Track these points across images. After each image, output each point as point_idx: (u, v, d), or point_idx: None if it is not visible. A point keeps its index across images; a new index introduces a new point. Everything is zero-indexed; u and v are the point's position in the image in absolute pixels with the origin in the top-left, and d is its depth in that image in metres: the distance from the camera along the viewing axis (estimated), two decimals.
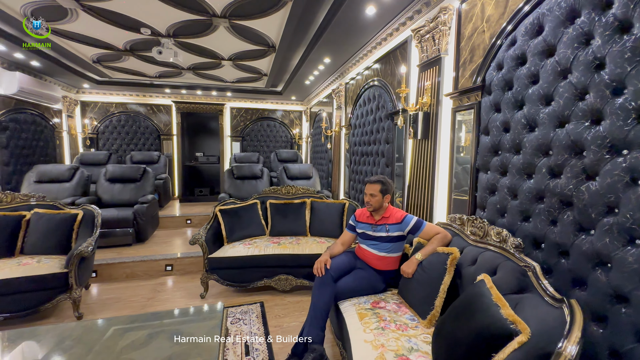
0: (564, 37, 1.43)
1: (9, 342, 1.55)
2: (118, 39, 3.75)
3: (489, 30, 1.90)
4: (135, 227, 3.98)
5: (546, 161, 1.53)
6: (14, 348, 1.52)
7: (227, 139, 7.15)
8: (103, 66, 4.89)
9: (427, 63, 2.50)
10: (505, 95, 1.77)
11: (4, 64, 4.24)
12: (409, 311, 1.80)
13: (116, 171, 4.43)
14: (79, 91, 6.19)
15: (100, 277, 3.31)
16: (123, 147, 6.61)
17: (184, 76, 5.53)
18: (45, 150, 5.28)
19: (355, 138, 4.18)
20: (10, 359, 1.45)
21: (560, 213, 1.46)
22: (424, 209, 2.51)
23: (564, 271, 1.43)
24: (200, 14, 3.05)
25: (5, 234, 2.69)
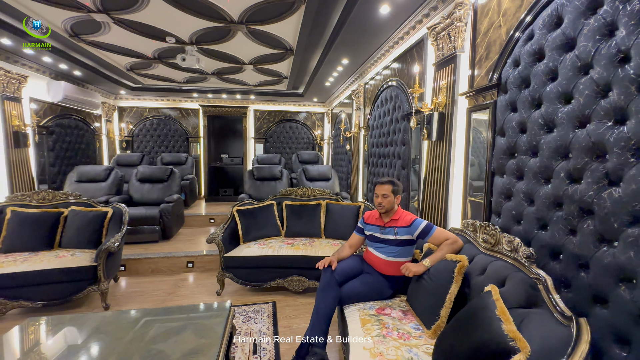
0: (584, 29, 1.31)
1: (52, 327, 1.72)
2: (147, 48, 3.99)
3: (506, 24, 1.78)
4: (161, 225, 4.21)
5: (565, 165, 1.40)
6: (57, 332, 1.68)
7: (250, 141, 7.35)
8: (136, 73, 5.23)
9: (442, 61, 2.40)
10: (522, 94, 1.65)
11: (52, 74, 4.68)
12: (414, 320, 1.73)
13: (146, 172, 4.72)
14: (116, 97, 6.67)
15: (129, 271, 3.54)
16: (155, 149, 7.03)
17: (209, 81, 5.77)
18: (87, 153, 5.75)
19: (373, 139, 4.11)
20: (54, 342, 1.60)
21: (580, 222, 1.33)
22: (439, 213, 2.41)
23: (584, 286, 1.30)
24: (219, 21, 3.16)
25: (45, 228, 2.96)
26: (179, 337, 1.60)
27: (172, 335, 1.62)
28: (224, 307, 1.92)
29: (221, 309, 1.92)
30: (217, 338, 1.60)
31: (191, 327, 1.71)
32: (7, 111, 3.88)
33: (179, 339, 1.59)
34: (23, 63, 4.10)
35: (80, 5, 2.84)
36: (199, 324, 1.78)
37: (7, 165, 3.91)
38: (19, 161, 4.05)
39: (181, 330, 1.67)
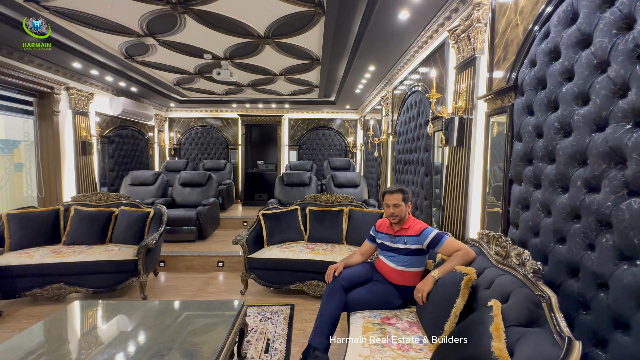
0: (600, 24, 1.19)
1: (107, 312, 1.99)
2: (188, 65, 4.42)
3: (522, 23, 1.67)
4: (197, 225, 4.55)
5: (582, 172, 1.27)
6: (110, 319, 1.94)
7: (284, 148, 7.62)
8: (181, 88, 5.79)
9: (463, 64, 2.31)
10: (538, 96, 1.53)
11: (113, 91, 5.38)
12: (419, 332, 1.67)
13: (187, 177, 5.16)
14: (167, 109, 7.41)
15: (167, 266, 3.88)
16: (199, 155, 7.63)
17: (246, 92, 6.15)
18: (141, 159, 6.46)
19: (399, 146, 4.03)
20: (107, 327, 1.85)
21: (598, 235, 1.19)
22: (457, 223, 2.29)
23: (603, 308, 1.16)
24: (248, 37, 3.40)
25: (100, 225, 3.39)
26: (190, 330, 1.74)
27: (182, 328, 1.76)
28: (236, 305, 2.04)
29: (233, 306, 2.04)
30: (224, 333, 1.70)
31: (202, 322, 1.85)
32: (77, 124, 4.55)
33: (189, 331, 1.72)
34: (91, 82, 4.79)
35: (131, 31, 3.27)
36: (210, 319, 1.91)
37: (75, 170, 4.56)
38: (85, 167, 4.70)
39: (193, 324, 1.80)
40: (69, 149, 4.48)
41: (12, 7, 2.64)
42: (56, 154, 4.26)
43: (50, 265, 2.86)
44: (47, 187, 4.26)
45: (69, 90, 4.40)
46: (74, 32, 3.26)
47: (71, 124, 4.49)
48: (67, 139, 4.44)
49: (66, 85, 4.34)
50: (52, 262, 2.87)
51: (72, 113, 4.50)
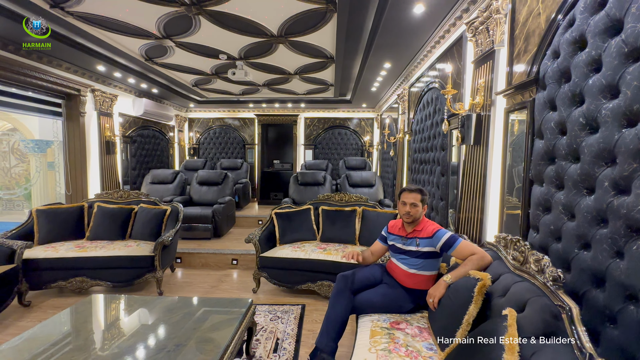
0: (632, 7, 1.08)
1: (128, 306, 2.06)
2: (205, 66, 4.50)
3: (545, 11, 1.56)
4: (213, 223, 4.63)
5: (609, 172, 1.16)
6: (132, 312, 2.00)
7: (300, 147, 7.63)
8: (200, 88, 5.92)
9: (481, 58, 2.19)
10: (562, 89, 1.41)
11: (135, 92, 5.59)
12: (430, 338, 1.60)
13: (204, 175, 5.27)
14: (187, 110, 7.61)
15: (184, 263, 3.98)
16: (217, 155, 7.79)
17: (262, 92, 6.20)
18: (161, 158, 6.67)
19: (415, 144, 3.92)
20: (129, 320, 1.92)
21: (628, 242, 1.08)
22: (474, 225, 2.18)
23: (633, 322, 1.05)
24: (261, 36, 3.41)
25: (120, 221, 3.52)
26: (198, 327, 1.76)
27: (191, 324, 1.78)
28: (244, 304, 2.04)
29: (241, 304, 2.05)
30: (231, 331, 1.71)
31: (212, 318, 1.86)
32: (101, 124, 4.76)
33: (197, 328, 1.74)
34: (115, 85, 4.99)
35: (149, 34, 3.37)
36: (218, 316, 1.92)
37: (100, 169, 4.77)
38: (109, 165, 4.91)
39: (201, 321, 1.82)
40: (94, 148, 4.69)
41: (40, 13, 2.79)
42: (82, 153, 4.47)
43: (74, 259, 2.99)
44: (74, 185, 4.48)
45: (94, 92, 4.61)
46: (97, 36, 3.40)
47: (96, 124, 4.70)
48: (92, 138, 4.65)
49: (92, 88, 4.55)
50: (76, 256, 3.00)
51: (97, 114, 4.71)
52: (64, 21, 2.98)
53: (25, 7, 2.64)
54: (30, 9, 2.69)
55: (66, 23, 3.03)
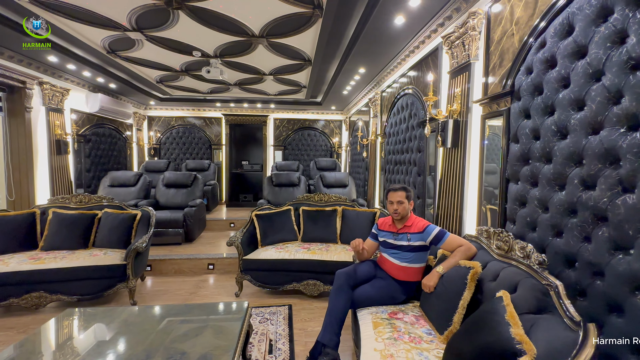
0: (595, 37, 1.32)
1: (84, 322, 1.88)
2: (175, 62, 4.28)
3: (518, 33, 1.80)
4: (184, 228, 4.41)
5: (578, 171, 1.40)
6: (88, 326, 1.83)
7: (270, 148, 7.56)
8: (165, 85, 5.58)
9: (457, 69, 2.43)
10: (535, 101, 1.66)
11: (90, 87, 5.09)
12: (427, 325, 1.75)
13: (171, 177, 4.99)
14: (146, 107, 7.11)
15: (154, 271, 3.74)
16: (180, 155, 7.39)
17: (232, 91, 6.04)
18: (118, 159, 6.15)
19: (389, 146, 4.15)
20: (85, 336, 1.75)
21: (594, 229, 1.32)
22: (454, 221, 2.41)
23: (599, 294, 1.28)
24: (242, 35, 3.36)
25: (82, 229, 3.20)
26: (200, 333, 1.70)
27: (192, 332, 1.72)
28: (242, 307, 2.02)
29: (239, 309, 2.02)
30: (235, 336, 1.68)
31: (211, 325, 1.82)
32: (51, 121, 4.26)
33: (199, 334, 1.69)
34: (66, 78, 4.50)
35: (117, 25, 3.12)
36: (218, 323, 1.88)
37: (49, 171, 4.27)
38: (60, 167, 4.41)
39: (202, 327, 1.77)
40: (42, 148, 4.19)
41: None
42: (28, 154, 3.97)
43: (30, 273, 2.67)
44: (18, 189, 3.96)
45: (43, 85, 4.12)
46: (52, 22, 3.05)
47: (44, 121, 4.20)
48: (40, 137, 4.15)
49: (39, 80, 4.06)
50: (31, 269, 2.68)
51: (45, 110, 4.21)
52: (13, 2, 2.64)
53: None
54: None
55: (14, 4, 2.67)
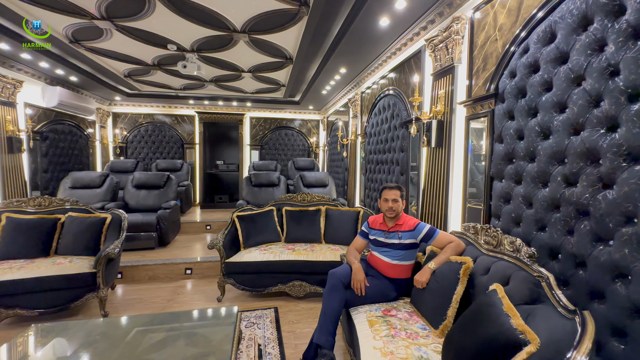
0: (576, 44, 1.42)
1: (41, 337, 1.68)
2: (147, 55, 4.02)
3: (502, 38, 1.90)
4: (158, 231, 4.17)
5: (561, 169, 1.50)
6: (46, 343, 1.64)
7: (246, 148, 7.37)
8: (133, 80, 5.23)
9: (440, 72, 2.51)
10: (519, 103, 1.76)
11: (47, 79, 4.64)
12: (420, 320, 1.78)
13: (142, 178, 4.68)
14: (111, 103, 6.62)
15: (125, 278, 3.48)
16: (149, 155, 6.97)
17: (207, 88, 5.80)
18: (80, 159, 5.67)
19: (370, 146, 4.21)
20: (42, 353, 1.57)
21: (577, 223, 1.42)
22: (439, 218, 2.49)
23: (581, 283, 1.39)
24: (222, 30, 3.23)
25: (42, 235, 2.91)
26: (191, 342, 1.61)
27: (183, 340, 1.62)
28: (232, 313, 1.94)
29: (229, 314, 1.93)
30: (227, 344, 1.61)
31: (201, 333, 1.72)
32: (1, 116, 3.82)
33: (190, 343, 1.59)
34: (19, 68, 4.06)
35: (84, 12, 2.86)
36: (209, 330, 1.79)
37: (0, 171, 3.83)
38: (12, 167, 3.97)
39: (192, 335, 1.67)
40: None
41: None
42: None
43: None
44: None
45: None
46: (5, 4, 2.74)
47: None
48: None
49: None
50: None
51: None
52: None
53: None
54: None
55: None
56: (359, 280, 1.97)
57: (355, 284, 1.97)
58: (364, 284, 1.97)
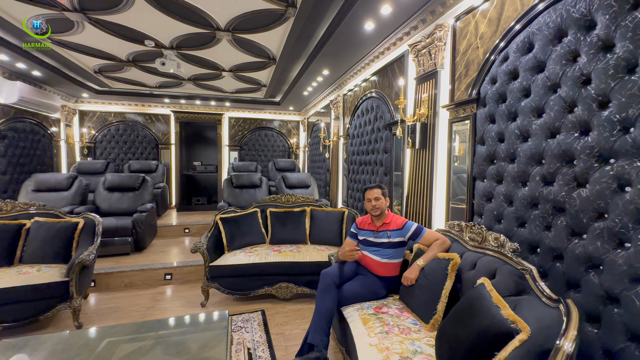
0: (552, 55, 1.54)
1: (2, 354, 1.54)
2: (122, 51, 3.82)
3: (483, 46, 2.01)
4: (134, 236, 3.97)
5: (539, 170, 1.62)
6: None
7: (225, 149, 7.20)
8: (104, 76, 4.95)
9: (424, 76, 2.61)
10: (500, 108, 1.87)
11: (5, 73, 4.27)
12: (411, 316, 1.84)
13: (115, 180, 4.44)
14: (77, 100, 6.21)
15: (99, 286, 3.29)
16: (121, 156, 6.62)
17: (184, 86, 5.61)
18: (42, 159, 5.27)
19: (353, 147, 4.27)
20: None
21: (554, 219, 1.53)
22: (423, 217, 2.58)
23: (559, 274, 1.50)
24: (205, 27, 3.14)
25: (4, 243, 2.68)
26: (182, 349, 1.55)
27: (174, 348, 1.56)
28: (223, 317, 1.89)
29: (220, 318, 1.89)
30: (222, 349, 1.57)
31: (193, 338, 1.67)
32: None
33: (182, 351, 1.54)
34: None
35: (54, 3, 2.67)
36: (199, 335, 1.73)
37: None
38: None
39: (182, 342, 1.61)
40: None
41: None
42: None
43: None
44: None
45: None
46: None
47: None
48: None
49: None
50: None
51: None
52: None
53: None
54: None
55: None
56: (348, 250, 2.13)
57: (347, 254, 2.12)
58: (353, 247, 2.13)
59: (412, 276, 1.91)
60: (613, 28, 1.28)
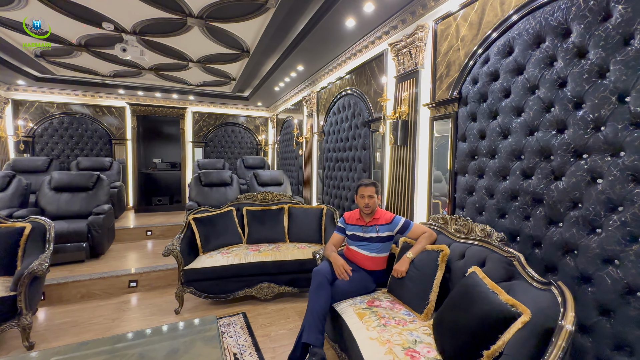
0: (532, 58, 1.68)
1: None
2: (72, 33, 3.38)
3: (464, 48, 2.13)
4: (89, 241, 3.57)
5: (519, 164, 1.75)
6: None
7: (188, 145, 6.78)
8: (47, 61, 4.35)
9: (404, 75, 2.69)
10: (481, 107, 1.99)
11: None
12: (403, 307, 1.89)
13: (64, 179, 3.95)
14: (10, 88, 5.40)
15: (49, 299, 2.90)
16: (66, 152, 5.90)
17: (143, 76, 5.16)
18: None
19: (329, 145, 4.28)
20: None
21: (533, 209, 1.67)
22: (405, 211, 2.67)
23: (538, 260, 1.65)
24: (175, 12, 2.90)
25: None
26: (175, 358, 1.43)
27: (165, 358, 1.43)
28: (211, 321, 1.78)
29: (207, 322, 1.77)
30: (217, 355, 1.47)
31: (183, 349, 1.54)
32: None
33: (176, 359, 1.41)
34: None
35: None
36: (189, 344, 1.60)
37: None
38: None
39: (173, 352, 1.48)
40: None
41: None
42: None
43: None
44: None
45: None
46: None
47: None
48: None
49: None
50: None
51: None
52: None
53: None
54: None
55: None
56: (340, 264, 2.05)
57: (338, 269, 2.04)
58: (346, 267, 2.05)
59: (403, 269, 1.96)
60: (587, 37, 1.42)
